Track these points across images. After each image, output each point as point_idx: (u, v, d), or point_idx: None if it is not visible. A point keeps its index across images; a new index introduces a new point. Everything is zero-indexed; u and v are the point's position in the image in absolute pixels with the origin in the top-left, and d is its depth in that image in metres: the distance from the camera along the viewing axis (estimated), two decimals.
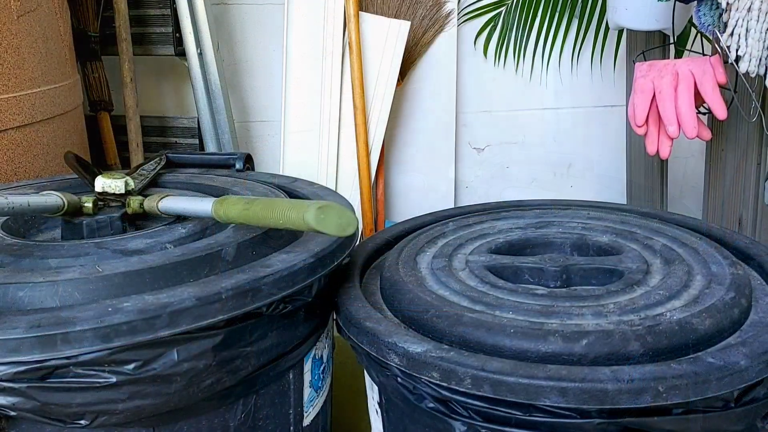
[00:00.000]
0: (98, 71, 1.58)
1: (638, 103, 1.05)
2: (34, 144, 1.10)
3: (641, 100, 1.04)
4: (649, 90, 1.03)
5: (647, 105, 1.04)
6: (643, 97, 1.04)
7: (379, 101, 1.58)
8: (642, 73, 1.06)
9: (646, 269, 0.76)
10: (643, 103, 1.04)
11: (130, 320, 0.57)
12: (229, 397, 0.70)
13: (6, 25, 1.04)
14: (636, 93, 1.05)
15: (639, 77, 1.06)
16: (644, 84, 1.04)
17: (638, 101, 1.05)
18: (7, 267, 0.67)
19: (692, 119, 1.00)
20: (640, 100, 1.04)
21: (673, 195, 1.80)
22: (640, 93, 1.04)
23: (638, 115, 1.05)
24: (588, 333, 0.62)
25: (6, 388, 0.55)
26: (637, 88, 1.05)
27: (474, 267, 0.78)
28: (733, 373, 0.58)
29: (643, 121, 1.05)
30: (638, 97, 1.05)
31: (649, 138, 1.06)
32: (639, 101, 1.05)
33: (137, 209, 0.80)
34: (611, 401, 0.56)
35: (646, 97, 1.04)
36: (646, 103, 1.04)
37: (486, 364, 0.60)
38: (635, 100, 1.05)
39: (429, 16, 1.64)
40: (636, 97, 1.05)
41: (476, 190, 1.89)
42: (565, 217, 0.94)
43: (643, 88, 1.04)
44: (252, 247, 0.73)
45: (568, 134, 1.86)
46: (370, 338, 0.67)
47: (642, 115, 1.05)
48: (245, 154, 1.06)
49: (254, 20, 1.69)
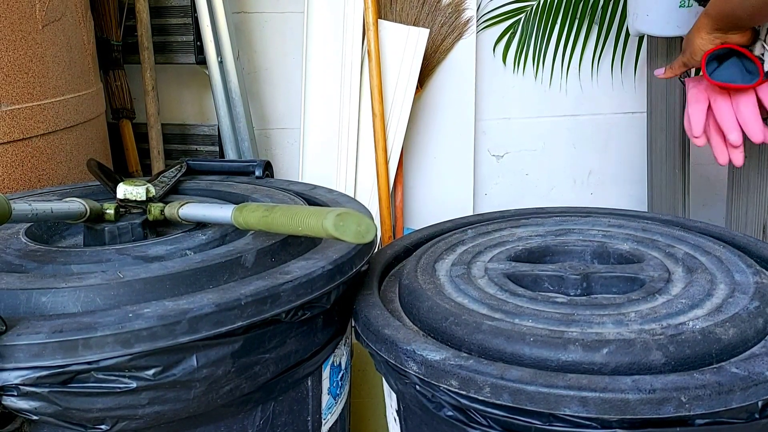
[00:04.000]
0: (120, 80, 1.60)
1: (692, 113, 1.00)
2: (58, 151, 1.11)
3: (695, 111, 0.99)
4: (703, 99, 1.00)
5: (703, 115, 1.00)
6: (697, 107, 0.99)
7: (398, 108, 1.58)
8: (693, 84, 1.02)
9: (667, 278, 0.75)
10: (698, 113, 1.00)
11: (150, 326, 0.58)
12: (248, 404, 0.70)
13: (31, 35, 1.06)
14: (690, 104, 1.00)
15: (691, 87, 1.02)
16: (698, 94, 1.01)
17: (692, 111, 1.00)
18: (30, 272, 0.68)
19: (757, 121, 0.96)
20: (694, 110, 0.99)
21: (696, 202, 1.78)
22: (694, 103, 1.00)
23: (694, 127, 1.00)
24: (609, 342, 0.61)
25: (28, 393, 0.56)
26: (690, 99, 1.01)
27: (493, 274, 0.78)
28: (758, 384, 0.57)
29: (700, 132, 1.00)
30: (692, 108, 1.00)
31: (718, 149, 1.01)
32: (693, 111, 0.99)
33: (158, 216, 0.81)
34: (632, 411, 0.56)
35: (701, 107, 1.00)
36: (702, 113, 1.00)
37: (505, 373, 0.59)
38: (689, 111, 1.00)
39: (448, 23, 1.64)
40: (690, 108, 1.00)
41: (495, 198, 1.88)
42: (586, 224, 0.93)
43: (698, 98, 1.00)
44: (271, 253, 0.73)
45: (588, 141, 1.85)
46: (389, 346, 0.67)
47: (698, 126, 1.00)
48: (265, 162, 1.06)
49: (274, 28, 1.70)
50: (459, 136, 1.75)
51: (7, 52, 1.01)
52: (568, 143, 1.85)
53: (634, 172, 1.84)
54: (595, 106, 1.81)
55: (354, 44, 1.55)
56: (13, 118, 1.02)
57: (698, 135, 1.01)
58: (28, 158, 1.05)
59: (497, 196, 1.88)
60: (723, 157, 1.01)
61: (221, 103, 1.56)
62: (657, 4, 1.25)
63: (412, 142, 1.75)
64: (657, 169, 1.59)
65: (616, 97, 1.80)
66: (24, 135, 1.03)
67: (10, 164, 1.02)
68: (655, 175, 1.61)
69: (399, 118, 1.59)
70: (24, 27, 1.04)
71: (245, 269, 0.70)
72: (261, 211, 0.68)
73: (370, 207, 1.57)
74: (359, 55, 1.55)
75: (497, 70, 1.78)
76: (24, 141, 1.04)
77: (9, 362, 0.55)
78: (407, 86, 1.58)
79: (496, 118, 1.81)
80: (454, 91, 1.71)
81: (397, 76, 1.57)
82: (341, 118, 1.58)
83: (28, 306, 0.61)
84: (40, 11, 1.07)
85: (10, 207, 0.68)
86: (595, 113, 1.82)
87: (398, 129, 1.59)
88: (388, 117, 1.58)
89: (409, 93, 1.58)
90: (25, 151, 1.04)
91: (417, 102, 1.68)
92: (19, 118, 1.03)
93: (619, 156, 1.86)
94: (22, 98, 1.03)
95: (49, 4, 1.09)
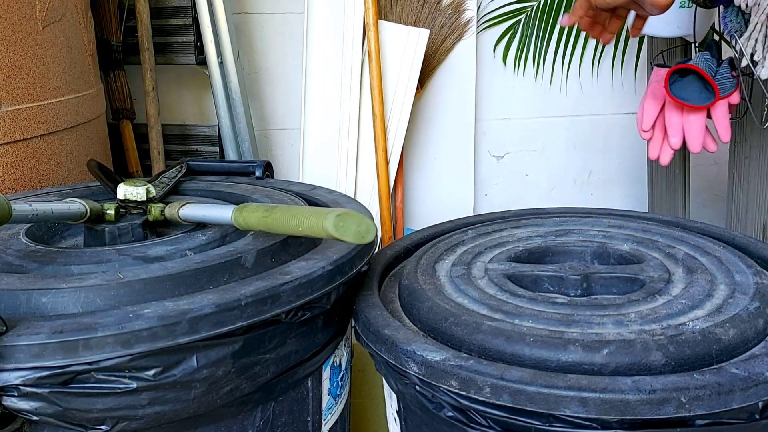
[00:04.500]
0: (121, 80, 1.60)
1: (647, 108, 1.04)
2: (58, 152, 1.11)
3: (650, 106, 1.03)
4: (660, 97, 1.02)
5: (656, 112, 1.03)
6: (653, 104, 1.03)
7: (398, 109, 1.58)
8: (657, 78, 1.05)
9: (668, 278, 0.75)
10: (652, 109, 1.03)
11: (150, 326, 0.58)
12: (248, 404, 0.70)
13: (31, 35, 1.06)
14: (647, 97, 1.04)
15: (654, 81, 1.05)
16: (656, 90, 1.03)
17: (647, 106, 1.04)
18: (30, 273, 0.68)
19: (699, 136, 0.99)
20: (649, 106, 1.03)
21: (696, 203, 1.78)
22: (651, 99, 1.03)
23: (645, 121, 1.04)
24: (609, 342, 0.61)
25: (28, 393, 0.56)
26: (649, 93, 1.04)
27: (493, 275, 0.78)
28: (758, 384, 0.57)
29: (649, 126, 1.04)
30: (648, 103, 1.04)
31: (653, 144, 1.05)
32: (648, 107, 1.04)
33: (158, 216, 0.81)
34: (632, 412, 0.56)
35: (657, 104, 1.03)
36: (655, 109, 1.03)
37: (505, 373, 0.59)
38: (645, 105, 1.04)
39: (448, 24, 1.64)
40: (646, 102, 1.04)
41: (495, 198, 1.88)
42: (586, 225, 0.93)
43: (655, 94, 1.03)
44: (271, 254, 0.73)
45: (588, 142, 1.85)
46: (389, 346, 0.67)
47: (649, 121, 1.03)
48: (265, 162, 1.06)
49: (274, 29, 1.70)
50: (459, 136, 1.75)
51: (7, 52, 1.01)
52: (568, 144, 1.85)
53: (634, 172, 1.84)
54: (595, 107, 1.81)
55: (354, 45, 1.55)
56: (13, 119, 1.02)
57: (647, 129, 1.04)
58: (28, 159, 1.05)
59: (497, 197, 1.88)
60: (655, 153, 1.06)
61: (221, 103, 1.56)
62: None
63: (413, 143, 1.75)
64: (657, 170, 1.60)
65: (616, 97, 1.80)
66: (24, 136, 1.04)
67: (10, 165, 1.02)
68: (655, 176, 1.61)
69: (399, 119, 1.59)
70: (24, 28, 1.04)
71: (245, 270, 0.70)
72: (261, 211, 0.68)
73: (371, 207, 1.57)
74: (359, 55, 1.55)
75: (497, 71, 1.78)
76: (24, 141, 1.04)
77: (9, 363, 0.55)
78: (407, 87, 1.58)
79: (496, 118, 1.81)
80: (454, 91, 1.71)
81: (397, 77, 1.57)
82: (341, 119, 1.58)
83: (28, 306, 0.61)
84: (40, 12, 1.07)
85: (10, 207, 0.68)
86: (595, 114, 1.82)
87: (398, 129, 1.59)
88: (389, 117, 1.58)
89: (410, 93, 1.58)
90: (25, 151, 1.04)
91: (417, 102, 1.68)
92: (19, 118, 1.03)
93: (619, 156, 1.86)
94: (22, 99, 1.04)
95: (49, 5, 1.09)
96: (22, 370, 0.55)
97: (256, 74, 1.73)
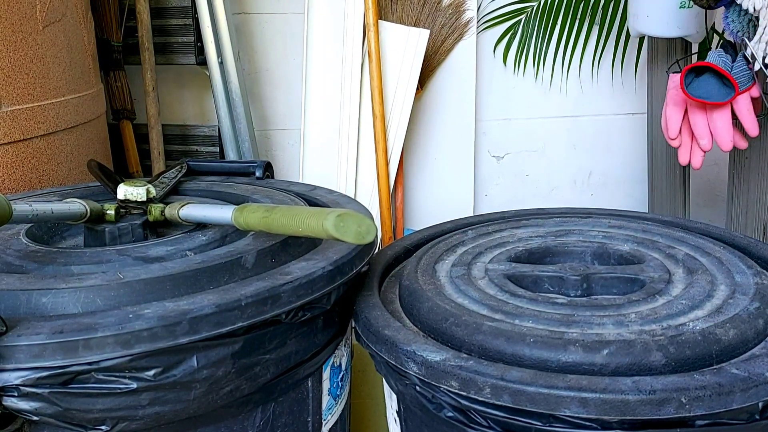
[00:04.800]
0: (121, 80, 1.60)
1: (670, 115, 1.03)
2: (58, 152, 1.11)
3: (673, 113, 1.02)
4: (681, 102, 1.02)
5: (680, 117, 1.02)
6: (675, 110, 1.02)
7: (398, 109, 1.58)
8: (675, 84, 1.04)
9: (668, 279, 0.75)
10: (675, 115, 1.02)
11: (150, 327, 0.58)
12: (248, 404, 0.70)
13: (32, 35, 1.06)
14: (668, 105, 1.04)
15: (671, 88, 1.04)
16: (676, 96, 1.02)
17: (670, 114, 1.03)
18: (30, 273, 0.68)
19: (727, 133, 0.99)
20: (672, 113, 1.03)
21: (696, 203, 1.78)
22: (672, 105, 1.03)
23: (671, 128, 1.03)
24: (609, 343, 0.61)
25: (28, 393, 0.56)
26: (669, 101, 1.04)
27: (493, 275, 0.78)
28: (758, 385, 0.57)
29: (676, 133, 1.03)
30: (670, 110, 1.03)
31: (683, 149, 1.04)
32: (671, 113, 1.03)
33: (158, 217, 0.81)
34: (633, 412, 0.56)
35: (679, 110, 1.02)
36: (679, 115, 1.02)
37: (505, 374, 0.59)
38: (667, 113, 1.04)
39: (448, 24, 1.64)
40: (668, 110, 1.03)
41: (495, 198, 1.88)
42: (586, 225, 0.93)
43: (676, 100, 1.02)
44: (271, 254, 0.73)
45: (588, 142, 1.85)
46: (389, 346, 0.67)
47: (675, 127, 1.03)
48: (265, 162, 1.06)
49: (274, 29, 1.70)
50: (459, 136, 1.75)
51: (7, 52, 1.01)
52: (568, 144, 1.85)
53: (635, 172, 1.84)
54: (595, 107, 1.81)
55: (354, 45, 1.55)
56: (13, 119, 1.02)
57: (674, 137, 1.03)
58: (28, 159, 1.05)
59: (497, 197, 1.88)
60: (685, 158, 1.06)
61: (222, 103, 1.56)
62: (657, 6, 1.25)
63: (413, 143, 1.75)
64: (657, 170, 1.59)
65: (616, 97, 1.80)
66: (24, 136, 1.04)
67: (10, 165, 1.02)
68: (656, 176, 1.61)
69: (399, 119, 1.59)
70: (24, 28, 1.04)
71: (245, 270, 0.70)
72: (261, 211, 0.68)
73: (371, 208, 1.57)
74: (360, 56, 1.55)
75: (498, 71, 1.78)
76: (24, 142, 1.04)
77: (9, 363, 0.55)
78: (408, 87, 1.58)
79: (496, 118, 1.81)
80: (454, 91, 1.71)
81: (397, 77, 1.57)
82: (341, 119, 1.58)
83: (28, 307, 0.61)
84: (40, 12, 1.07)
85: (10, 208, 0.68)
86: (595, 114, 1.82)
87: (399, 130, 1.59)
88: (389, 118, 1.58)
89: (410, 94, 1.58)
90: (25, 151, 1.04)
91: (417, 103, 1.68)
92: (19, 118, 1.03)
93: (619, 157, 1.86)
94: (22, 99, 1.04)
95: (49, 5, 1.09)
96: (22, 370, 0.55)
97: (257, 74, 1.73)
